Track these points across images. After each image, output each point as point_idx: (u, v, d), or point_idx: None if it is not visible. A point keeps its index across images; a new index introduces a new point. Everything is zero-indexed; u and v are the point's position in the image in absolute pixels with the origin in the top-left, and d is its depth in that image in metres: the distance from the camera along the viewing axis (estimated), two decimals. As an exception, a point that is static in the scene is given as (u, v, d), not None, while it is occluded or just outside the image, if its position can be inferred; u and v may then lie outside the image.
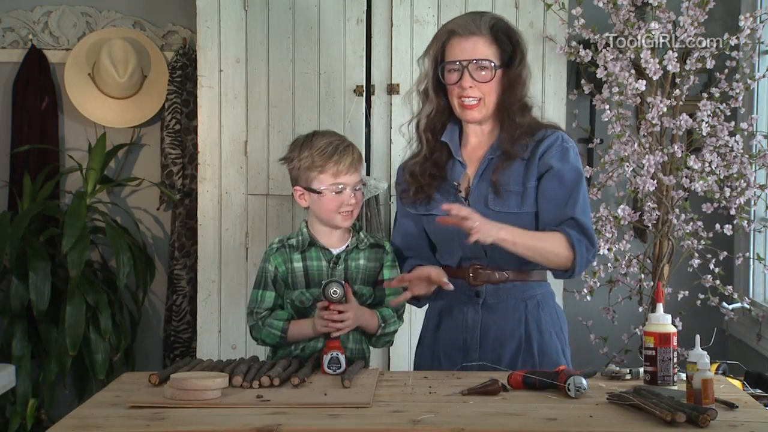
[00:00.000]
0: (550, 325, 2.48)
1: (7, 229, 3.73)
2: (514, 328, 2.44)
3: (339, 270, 2.49)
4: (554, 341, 2.48)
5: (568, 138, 2.47)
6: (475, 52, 2.41)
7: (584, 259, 2.37)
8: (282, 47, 3.65)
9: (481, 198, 2.42)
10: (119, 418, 1.94)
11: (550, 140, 2.43)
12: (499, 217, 2.36)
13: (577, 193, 2.39)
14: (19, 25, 4.17)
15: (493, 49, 2.42)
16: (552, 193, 2.39)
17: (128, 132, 4.20)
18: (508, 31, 2.46)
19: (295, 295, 2.49)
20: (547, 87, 3.63)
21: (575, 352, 3.79)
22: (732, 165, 3.42)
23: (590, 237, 2.38)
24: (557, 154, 2.41)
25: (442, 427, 1.85)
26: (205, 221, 3.69)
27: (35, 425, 3.76)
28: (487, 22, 2.43)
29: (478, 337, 2.45)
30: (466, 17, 2.47)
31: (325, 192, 2.45)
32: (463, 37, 2.41)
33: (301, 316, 2.49)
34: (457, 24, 2.45)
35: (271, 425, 1.85)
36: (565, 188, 2.39)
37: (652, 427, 1.85)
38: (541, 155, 2.41)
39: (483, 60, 2.40)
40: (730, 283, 3.72)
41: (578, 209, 2.38)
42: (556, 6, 3.55)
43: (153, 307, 4.24)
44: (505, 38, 2.44)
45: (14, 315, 3.74)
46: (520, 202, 2.40)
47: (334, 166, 2.44)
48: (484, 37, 2.41)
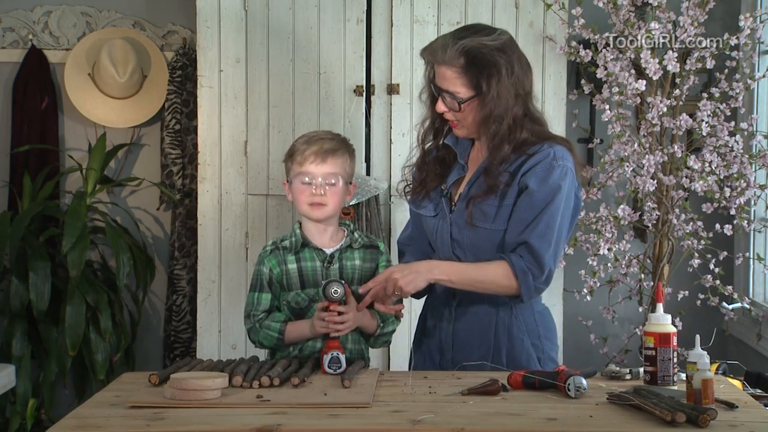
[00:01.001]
0: (523, 332, 2.42)
1: (7, 229, 3.73)
2: (483, 333, 2.42)
3: (334, 269, 2.49)
4: (526, 348, 2.43)
5: (562, 155, 2.34)
6: (443, 81, 2.36)
7: (531, 288, 2.31)
8: (282, 47, 3.65)
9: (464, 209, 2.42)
10: (119, 418, 1.94)
11: (538, 157, 2.34)
12: (474, 231, 2.38)
13: (541, 216, 2.30)
14: (19, 25, 4.17)
15: (461, 80, 2.33)
16: (518, 213, 2.33)
17: (128, 132, 4.20)
18: (477, 58, 2.31)
19: (290, 297, 2.49)
20: (547, 87, 3.64)
21: (575, 352, 3.82)
22: (732, 165, 3.42)
23: (540, 265, 2.29)
24: (540, 172, 2.32)
25: (442, 427, 1.85)
26: (205, 221, 3.69)
27: (35, 425, 3.76)
28: (458, 49, 2.32)
29: (450, 339, 2.45)
30: (442, 41, 2.37)
31: (294, 182, 2.47)
32: (435, 65, 2.38)
33: (298, 317, 2.49)
34: (429, 50, 2.39)
35: (271, 425, 1.85)
36: (531, 210, 2.31)
37: (652, 427, 1.85)
38: (525, 172, 2.34)
39: (448, 92, 2.36)
40: (730, 283, 3.72)
41: (536, 233, 2.29)
42: (556, 6, 3.55)
43: (153, 307, 4.24)
44: (474, 67, 2.32)
45: (14, 315, 3.74)
46: (492, 218, 2.37)
47: (300, 155, 2.45)
48: (451, 69, 2.33)
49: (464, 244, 2.40)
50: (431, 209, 2.49)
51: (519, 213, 2.33)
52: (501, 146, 2.35)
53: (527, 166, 2.34)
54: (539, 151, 2.35)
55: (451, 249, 2.43)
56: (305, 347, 2.47)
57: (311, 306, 2.46)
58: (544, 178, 2.32)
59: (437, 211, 2.47)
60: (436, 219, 2.47)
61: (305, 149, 2.45)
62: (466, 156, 2.48)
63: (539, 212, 2.31)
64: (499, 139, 2.35)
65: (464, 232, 2.40)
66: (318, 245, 2.50)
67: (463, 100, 2.35)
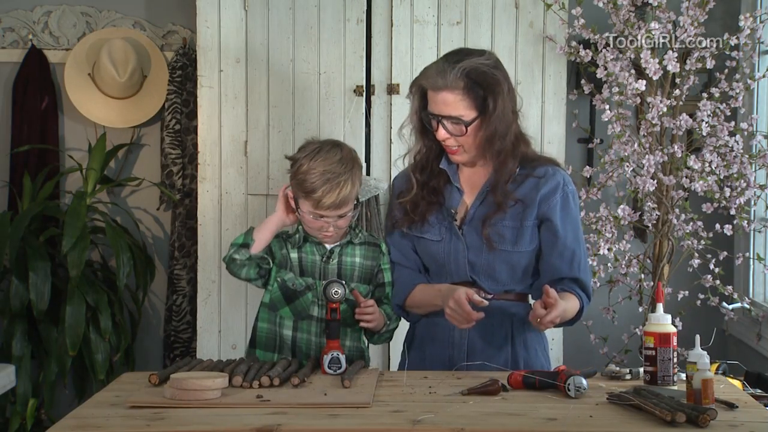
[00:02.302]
0: (536, 342, 2.50)
1: (7, 229, 3.72)
2: (500, 344, 2.46)
3: (332, 264, 2.50)
4: (540, 358, 2.50)
5: (568, 179, 2.47)
6: (445, 107, 2.36)
7: (584, 314, 2.46)
8: (282, 47, 3.65)
9: (475, 230, 2.43)
10: (119, 418, 1.94)
11: (551, 185, 2.43)
12: (493, 253, 2.41)
13: (577, 250, 2.43)
14: (19, 25, 4.17)
15: (465, 102, 2.35)
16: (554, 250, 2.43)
17: (128, 132, 4.20)
18: (479, 77, 2.35)
19: (288, 277, 2.51)
20: (547, 87, 3.64)
21: (575, 352, 3.81)
22: (732, 165, 3.42)
23: (589, 295, 2.46)
24: (560, 203, 2.43)
25: (442, 427, 1.85)
26: (205, 221, 3.69)
27: (35, 425, 3.76)
28: (457, 73, 2.33)
29: (464, 354, 2.45)
30: (436, 67, 2.37)
31: (304, 210, 2.47)
32: (434, 91, 2.37)
33: (291, 299, 2.51)
34: (426, 77, 2.38)
35: (271, 425, 1.85)
36: (567, 249, 2.42)
37: (652, 427, 1.85)
38: (541, 200, 2.42)
39: (452, 117, 2.36)
40: (730, 283, 3.72)
41: (581, 268, 2.44)
42: (556, 6, 3.55)
43: (153, 307, 4.24)
44: (477, 86, 2.35)
45: (14, 315, 3.74)
46: (514, 241, 2.42)
47: (315, 201, 2.43)
48: (453, 92, 2.34)
49: (481, 266, 2.43)
50: (435, 234, 2.48)
51: (553, 249, 2.42)
52: (506, 162, 2.41)
53: (542, 193, 2.42)
54: (547, 175, 2.44)
55: (467, 271, 2.44)
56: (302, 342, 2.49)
57: (305, 293, 2.49)
58: (564, 208, 2.43)
59: (442, 236, 2.47)
60: (442, 243, 2.47)
61: (323, 196, 2.41)
62: (457, 180, 2.49)
63: (574, 247, 2.43)
64: (504, 155, 2.40)
65: (482, 255, 2.42)
66: (320, 241, 2.53)
67: (468, 122, 2.36)
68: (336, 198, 2.41)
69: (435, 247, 2.48)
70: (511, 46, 3.63)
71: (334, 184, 2.41)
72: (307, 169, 2.43)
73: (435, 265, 2.50)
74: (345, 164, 2.44)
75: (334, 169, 2.42)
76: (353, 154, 2.50)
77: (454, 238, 2.45)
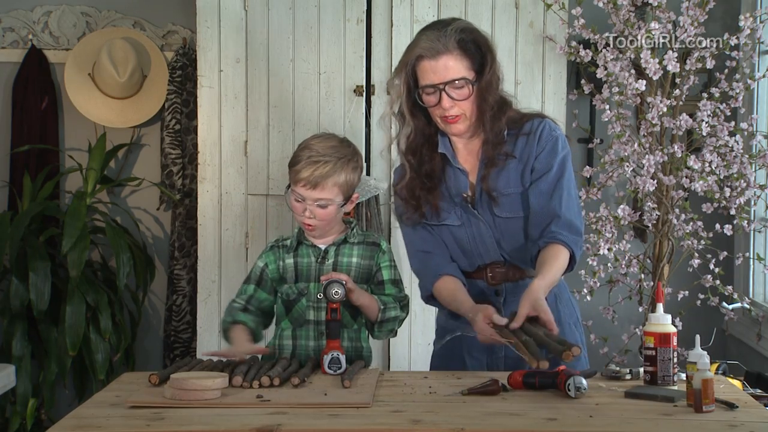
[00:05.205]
0: (569, 317, 2.50)
1: (7, 229, 3.73)
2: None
3: (328, 265, 2.50)
4: (574, 333, 2.49)
5: (554, 125, 2.45)
6: (447, 72, 2.34)
7: (580, 252, 2.40)
8: (282, 47, 3.65)
9: (486, 206, 2.43)
10: (119, 418, 1.94)
11: (538, 136, 2.41)
12: (506, 222, 2.40)
13: (563, 189, 2.39)
14: (19, 25, 4.17)
15: (465, 63, 2.34)
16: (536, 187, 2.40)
17: (128, 132, 4.20)
18: (474, 39, 2.36)
19: (284, 289, 2.52)
20: (547, 87, 3.64)
21: (575, 352, 3.81)
22: (732, 165, 3.42)
23: (579, 232, 2.39)
24: (546, 148, 2.41)
25: (442, 427, 1.85)
26: (205, 221, 3.69)
27: (35, 425, 3.76)
28: (453, 36, 2.33)
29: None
30: (431, 35, 2.36)
31: (291, 193, 2.48)
32: (433, 60, 2.34)
33: (289, 309, 2.51)
34: (422, 47, 2.36)
35: (271, 425, 1.85)
36: (549, 185, 2.39)
37: (652, 426, 1.85)
38: (538, 154, 2.41)
39: (458, 80, 2.35)
40: (730, 283, 3.72)
41: (564, 206, 2.38)
42: (556, 6, 3.55)
43: (153, 307, 4.24)
44: (473, 47, 2.35)
45: (14, 315, 3.74)
46: (521, 205, 2.41)
47: (296, 175, 2.44)
48: (453, 55, 2.33)
49: (506, 241, 2.43)
50: (455, 219, 2.46)
51: (539, 186, 2.39)
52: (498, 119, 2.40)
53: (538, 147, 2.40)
54: (533, 128, 2.42)
55: (498, 250, 2.44)
56: (301, 347, 2.50)
57: (300, 299, 2.49)
58: (551, 151, 2.40)
59: (462, 220, 2.45)
60: (464, 228, 2.45)
61: (300, 170, 2.43)
62: (457, 162, 2.47)
63: (559, 184, 2.39)
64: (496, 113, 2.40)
65: (503, 231, 2.41)
66: (315, 242, 2.53)
67: (473, 81, 2.36)
68: (311, 174, 2.40)
69: (459, 233, 2.45)
70: (511, 46, 3.63)
71: (314, 161, 2.42)
72: (302, 146, 2.48)
73: (461, 249, 2.47)
74: (336, 151, 2.45)
75: (322, 150, 2.44)
76: (352, 149, 2.50)
77: (473, 220, 2.43)
